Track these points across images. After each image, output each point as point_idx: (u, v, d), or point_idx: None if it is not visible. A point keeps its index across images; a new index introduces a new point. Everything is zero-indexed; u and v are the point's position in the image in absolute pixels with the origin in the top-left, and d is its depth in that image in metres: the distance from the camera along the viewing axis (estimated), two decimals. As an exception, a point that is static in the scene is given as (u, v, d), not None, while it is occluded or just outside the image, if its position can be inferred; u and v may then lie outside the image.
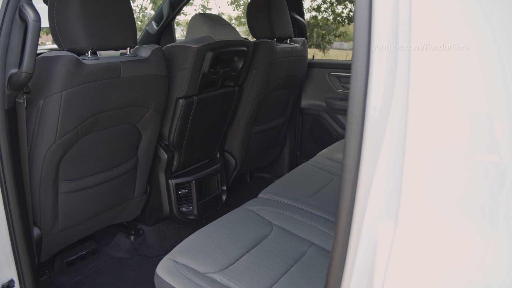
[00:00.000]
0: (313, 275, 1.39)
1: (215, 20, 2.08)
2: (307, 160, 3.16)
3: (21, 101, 1.40)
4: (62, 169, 1.65)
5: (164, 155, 2.12)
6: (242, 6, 9.42)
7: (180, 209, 2.25)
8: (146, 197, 2.16)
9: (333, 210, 1.81)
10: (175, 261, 1.37)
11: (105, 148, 1.77)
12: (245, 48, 2.16)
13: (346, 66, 2.96)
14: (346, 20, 10.65)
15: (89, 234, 1.99)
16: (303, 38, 2.75)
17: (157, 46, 1.80)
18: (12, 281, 1.52)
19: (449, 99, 0.60)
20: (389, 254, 0.61)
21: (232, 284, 1.30)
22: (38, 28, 1.29)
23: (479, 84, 0.58)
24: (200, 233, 1.53)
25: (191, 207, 2.29)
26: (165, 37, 3.37)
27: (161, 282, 1.30)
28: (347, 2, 10.53)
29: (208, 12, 8.79)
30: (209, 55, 1.94)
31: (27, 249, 1.50)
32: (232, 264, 1.39)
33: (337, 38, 10.31)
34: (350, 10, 10.39)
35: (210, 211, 2.40)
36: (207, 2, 9.17)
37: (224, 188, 2.51)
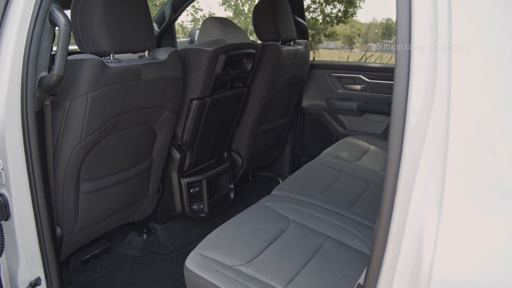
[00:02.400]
0: (333, 266, 1.47)
1: (227, 24, 2.15)
2: (308, 159, 3.26)
3: (47, 103, 1.45)
4: (84, 169, 1.70)
5: (177, 155, 2.17)
6: (233, 7, 9.49)
7: (192, 207, 2.31)
8: (158, 196, 2.22)
9: (344, 205, 1.90)
10: (202, 255, 1.44)
11: (124, 148, 1.82)
12: (254, 51, 2.22)
13: (346, 67, 3.06)
14: (334, 20, 10.79)
15: (104, 233, 2.03)
16: (305, 40, 2.84)
17: (173, 49, 1.86)
18: (39, 279, 1.56)
19: (492, 91, 0.68)
20: (436, 236, 0.68)
21: (259, 276, 1.37)
22: (69, 32, 1.34)
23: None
24: (222, 228, 1.59)
25: (202, 205, 2.35)
26: (166, 39, 3.42)
27: (192, 275, 1.36)
28: (335, 2, 10.67)
29: (199, 12, 8.84)
30: (222, 58, 2.01)
31: (53, 247, 1.54)
32: (256, 257, 1.46)
33: (326, 38, 10.44)
34: (339, 10, 10.53)
35: (219, 209, 2.46)
36: (197, 3, 9.21)
37: (232, 186, 2.58)
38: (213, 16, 2.33)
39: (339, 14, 10.63)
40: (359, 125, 3.00)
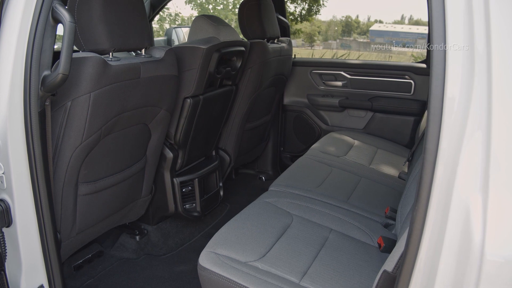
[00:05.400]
0: (341, 256, 1.51)
1: (218, 22, 2.14)
2: (290, 155, 3.30)
3: (48, 103, 1.40)
4: (83, 171, 1.65)
5: (170, 154, 2.15)
6: (199, 6, 9.41)
7: (184, 206, 2.29)
8: (151, 196, 2.18)
9: (341, 198, 1.95)
10: (216, 253, 1.44)
11: (121, 149, 1.79)
12: (244, 48, 2.23)
13: (327, 64, 3.13)
14: (298, 18, 10.94)
15: (98, 236, 1.98)
16: (288, 38, 2.87)
17: (168, 47, 1.84)
18: (42, 286, 1.50)
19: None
20: (484, 218, 0.73)
21: (274, 270, 1.39)
22: (74, 29, 1.30)
23: None
24: (229, 226, 1.60)
25: (194, 204, 2.33)
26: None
27: (209, 273, 1.36)
28: (299, 1, 10.81)
29: (165, 10, 8.70)
30: (215, 56, 2.01)
31: (57, 253, 1.49)
32: (268, 252, 1.47)
33: (292, 36, 10.57)
34: (303, 9, 10.70)
35: (211, 207, 2.46)
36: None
37: (221, 184, 2.58)
38: (204, 14, 2.31)
39: (303, 12, 10.80)
40: (341, 120, 3.07)
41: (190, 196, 2.32)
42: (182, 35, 4.03)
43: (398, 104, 2.83)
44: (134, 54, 1.82)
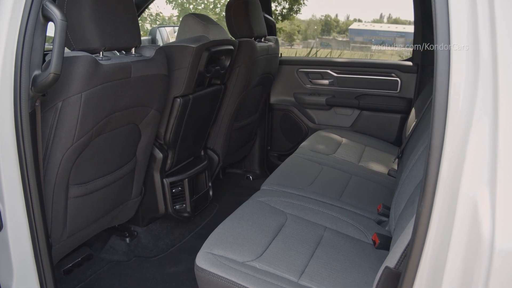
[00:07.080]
0: (338, 254, 1.52)
1: (207, 20, 2.13)
2: (277, 154, 3.30)
3: (37, 104, 1.36)
4: (73, 173, 1.62)
5: (160, 154, 2.12)
6: (180, 5, 9.33)
7: (175, 207, 2.27)
8: (141, 197, 2.15)
9: (333, 196, 1.96)
10: (212, 253, 1.42)
11: (112, 150, 1.76)
12: (233, 47, 2.22)
13: (313, 63, 3.14)
14: (279, 17, 10.97)
15: (87, 239, 1.94)
16: (275, 37, 2.87)
17: (158, 45, 1.82)
18: (33, 292, 1.46)
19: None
20: (493, 211, 0.74)
21: (272, 269, 1.39)
22: (66, 28, 1.27)
23: None
24: (224, 226, 1.59)
25: (184, 205, 2.31)
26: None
27: (207, 274, 1.34)
28: (280, 0, 10.83)
29: (146, 10, 8.60)
30: (205, 54, 1.99)
31: (49, 258, 1.46)
32: (264, 252, 1.47)
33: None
34: (283, 8, 10.73)
35: (201, 208, 2.44)
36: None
37: (210, 184, 2.56)
38: (192, 13, 2.29)
39: (284, 11, 10.83)
40: (328, 119, 3.09)
41: (180, 196, 2.30)
42: (166, 34, 3.99)
43: (385, 101, 2.86)
44: (118, 54, 1.79)
